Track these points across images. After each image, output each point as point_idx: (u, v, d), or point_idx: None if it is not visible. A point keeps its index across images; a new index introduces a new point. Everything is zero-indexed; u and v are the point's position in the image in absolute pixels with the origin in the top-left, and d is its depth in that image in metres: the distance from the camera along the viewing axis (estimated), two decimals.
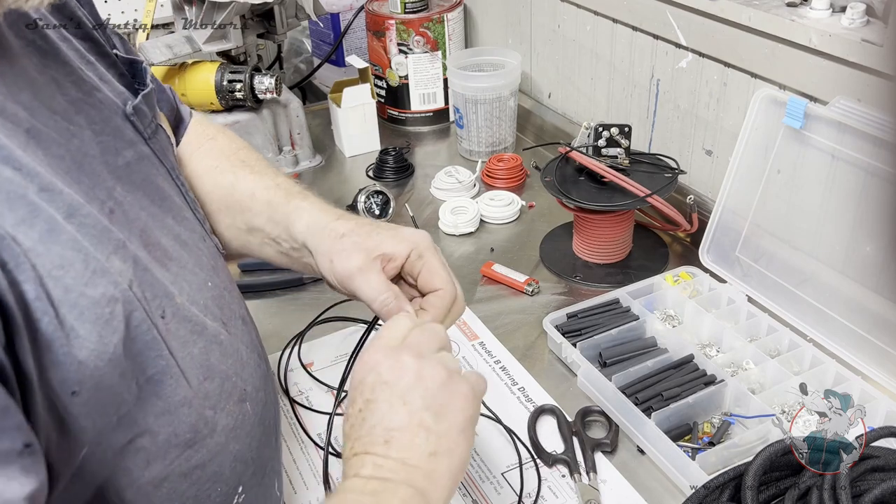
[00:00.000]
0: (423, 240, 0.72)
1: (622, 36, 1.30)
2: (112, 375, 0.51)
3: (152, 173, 0.65)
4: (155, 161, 0.66)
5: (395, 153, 1.47)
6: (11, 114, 0.51)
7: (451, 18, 1.58)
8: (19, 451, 0.44)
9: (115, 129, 0.62)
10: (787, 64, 1.00)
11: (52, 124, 0.55)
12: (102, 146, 0.59)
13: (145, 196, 0.62)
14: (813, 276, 0.97)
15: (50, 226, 0.49)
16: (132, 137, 0.64)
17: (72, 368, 0.48)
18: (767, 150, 1.00)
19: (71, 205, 0.51)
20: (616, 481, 0.83)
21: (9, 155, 0.48)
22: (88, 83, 0.61)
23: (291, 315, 1.09)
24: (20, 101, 0.53)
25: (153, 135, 0.67)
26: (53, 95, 0.57)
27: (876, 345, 0.88)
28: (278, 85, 1.38)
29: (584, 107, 1.46)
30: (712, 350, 0.98)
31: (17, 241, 0.46)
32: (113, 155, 0.60)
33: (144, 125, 0.66)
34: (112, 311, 0.51)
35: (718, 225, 1.08)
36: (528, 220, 1.32)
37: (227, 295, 0.68)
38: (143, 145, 0.65)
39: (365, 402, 0.59)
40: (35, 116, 0.53)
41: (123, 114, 0.64)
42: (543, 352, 1.02)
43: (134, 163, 0.62)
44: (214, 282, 0.66)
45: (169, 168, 0.68)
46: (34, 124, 0.53)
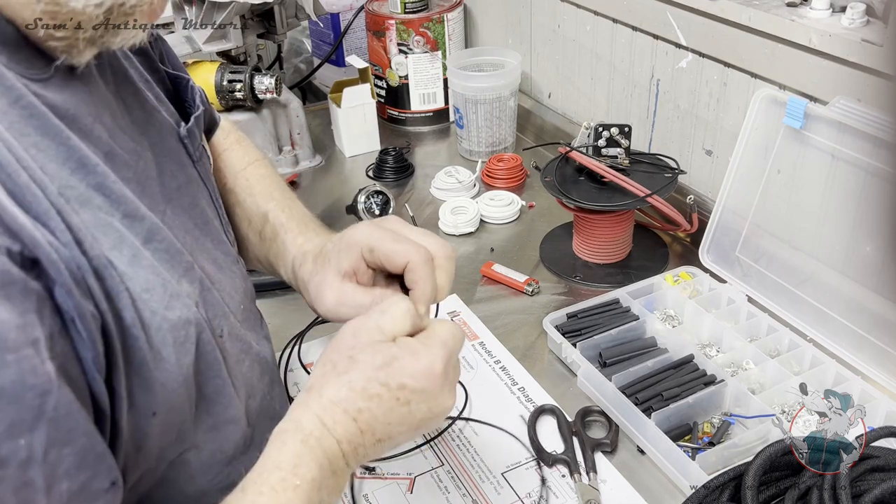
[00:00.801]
0: (362, 234, 0.69)
1: (622, 36, 1.30)
2: (182, 396, 0.52)
3: (198, 196, 0.65)
4: (201, 184, 0.66)
5: (395, 153, 1.47)
6: (96, 137, 0.52)
7: (451, 18, 1.58)
8: (106, 489, 0.45)
9: (170, 150, 0.62)
10: (787, 64, 1.00)
11: (124, 146, 0.56)
12: (160, 168, 0.60)
13: (190, 219, 0.62)
14: (813, 276, 0.97)
15: (133, 252, 0.50)
16: (184, 160, 0.64)
17: (154, 390, 0.50)
18: (767, 150, 1.00)
19: (150, 230, 0.52)
20: (616, 481, 0.83)
21: (102, 182, 0.50)
22: (150, 104, 0.62)
23: (291, 315, 1.09)
24: (104, 123, 0.54)
25: (200, 157, 0.67)
26: (123, 116, 0.58)
27: (876, 345, 0.88)
28: (278, 85, 1.38)
29: (584, 107, 1.46)
30: (712, 350, 0.98)
31: (114, 265, 0.48)
32: (169, 177, 0.61)
33: (194, 148, 0.66)
34: (187, 333, 0.52)
35: (718, 225, 1.08)
36: (528, 220, 1.32)
37: (254, 316, 0.69)
38: (192, 168, 0.65)
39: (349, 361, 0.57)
40: (113, 138, 0.54)
41: (178, 136, 0.64)
42: (543, 352, 1.02)
43: (184, 186, 0.63)
44: (246, 304, 0.67)
45: (211, 190, 0.68)
46: (112, 147, 0.54)
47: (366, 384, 0.56)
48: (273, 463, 0.53)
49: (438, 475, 0.85)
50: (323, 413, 0.55)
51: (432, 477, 0.84)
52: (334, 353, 0.58)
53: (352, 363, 0.56)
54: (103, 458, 0.45)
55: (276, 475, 0.52)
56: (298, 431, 0.54)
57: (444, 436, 0.89)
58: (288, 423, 0.56)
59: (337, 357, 0.57)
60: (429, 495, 0.82)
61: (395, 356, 0.57)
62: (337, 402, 0.55)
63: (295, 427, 0.55)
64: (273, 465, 0.53)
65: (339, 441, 0.55)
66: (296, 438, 0.54)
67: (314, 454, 0.54)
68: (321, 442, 0.54)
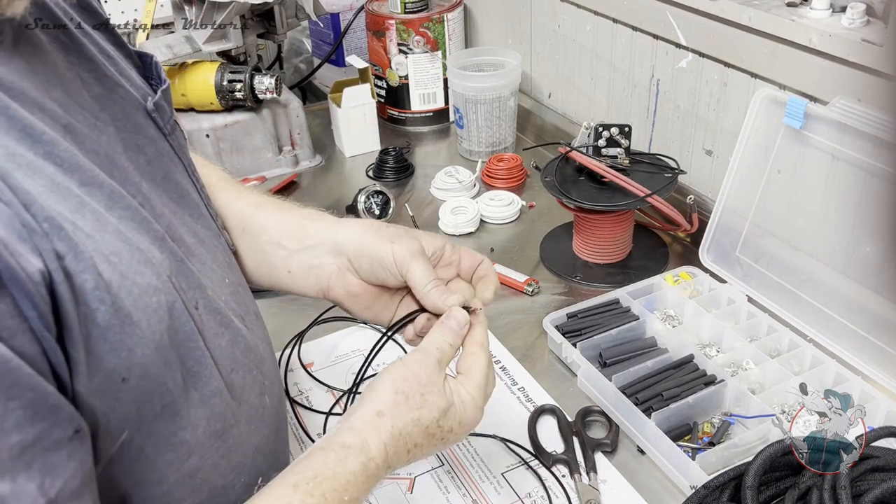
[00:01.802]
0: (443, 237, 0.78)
1: (622, 36, 1.30)
2: (158, 364, 0.52)
3: (172, 170, 0.65)
4: (174, 158, 0.66)
5: (395, 153, 1.47)
6: (50, 110, 0.52)
7: (451, 18, 1.58)
8: (70, 437, 0.46)
9: (136, 125, 0.62)
10: (788, 64, 1.00)
11: (82, 120, 0.55)
12: (125, 143, 0.59)
13: (165, 193, 0.62)
14: (813, 276, 0.97)
15: (96, 216, 0.49)
16: (153, 134, 0.64)
17: (123, 355, 0.49)
18: (767, 150, 1.00)
19: (110, 197, 0.52)
20: (616, 481, 0.83)
21: (51, 150, 0.49)
22: (111, 79, 0.61)
23: (291, 315, 1.09)
24: (55, 98, 0.53)
25: (172, 131, 0.67)
26: (80, 92, 0.57)
27: (876, 345, 0.88)
28: (278, 85, 1.38)
29: (584, 107, 1.46)
30: (712, 350, 0.98)
31: (78, 226, 0.47)
32: (135, 152, 0.60)
33: (164, 121, 0.66)
34: (157, 300, 0.52)
35: (718, 225, 1.08)
36: (528, 220, 1.32)
37: (241, 291, 0.69)
38: (164, 142, 0.65)
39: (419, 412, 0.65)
40: (69, 113, 0.54)
41: (144, 110, 0.64)
42: (543, 352, 1.02)
43: (155, 160, 0.62)
44: (231, 278, 0.67)
45: (186, 165, 0.68)
46: (69, 120, 0.53)
47: (429, 425, 0.64)
48: (330, 472, 0.58)
49: (438, 475, 0.85)
50: (390, 442, 0.62)
51: (432, 477, 0.84)
52: (406, 384, 0.65)
53: (423, 401, 0.64)
54: (59, 408, 0.45)
55: (329, 485, 0.58)
56: (363, 453, 0.60)
57: None
58: (353, 439, 0.61)
59: (410, 391, 0.64)
60: (429, 495, 0.82)
61: (453, 403, 0.66)
62: (406, 435, 0.63)
63: (360, 447, 0.61)
64: (330, 473, 0.58)
65: (389, 466, 0.63)
66: (358, 459, 0.60)
67: (368, 478, 0.60)
68: (378, 470, 0.61)
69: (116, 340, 0.49)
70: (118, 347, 0.49)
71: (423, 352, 0.67)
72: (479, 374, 0.69)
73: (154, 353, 0.52)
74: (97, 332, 0.48)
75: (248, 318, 0.67)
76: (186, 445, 0.57)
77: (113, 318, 0.48)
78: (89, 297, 0.47)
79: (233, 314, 0.64)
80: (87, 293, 0.47)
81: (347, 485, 0.58)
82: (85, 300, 0.47)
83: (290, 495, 0.56)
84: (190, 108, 1.41)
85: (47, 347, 0.45)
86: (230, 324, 0.62)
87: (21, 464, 0.43)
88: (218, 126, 1.40)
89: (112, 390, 0.49)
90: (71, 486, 0.45)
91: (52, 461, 0.44)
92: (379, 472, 0.61)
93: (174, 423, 0.55)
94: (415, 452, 0.64)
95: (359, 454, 0.60)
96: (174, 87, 1.38)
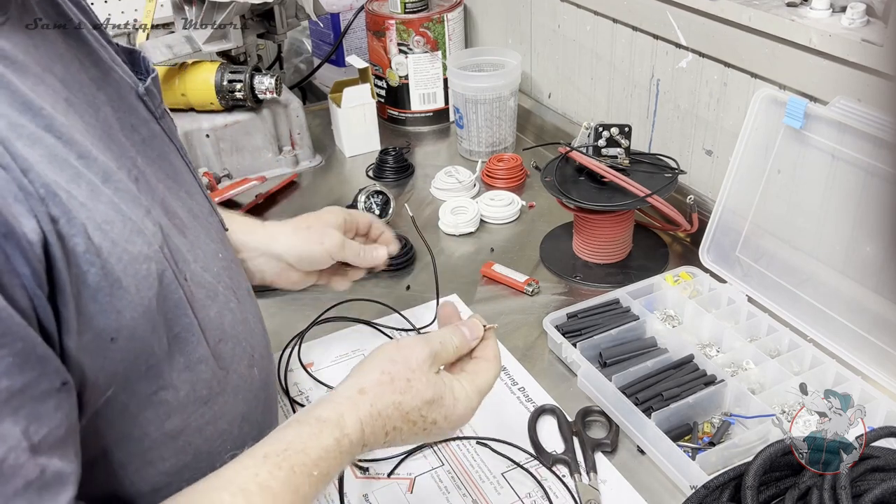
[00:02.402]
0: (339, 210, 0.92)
1: (622, 36, 1.30)
2: (145, 327, 0.55)
3: (165, 150, 0.69)
4: (166, 139, 0.70)
5: (395, 153, 1.47)
6: (50, 83, 0.55)
7: (451, 18, 1.58)
8: (57, 388, 0.48)
9: (130, 106, 0.66)
10: (787, 64, 1.00)
11: (81, 97, 0.58)
12: (121, 122, 0.63)
13: (161, 170, 0.66)
14: (813, 276, 0.97)
15: (91, 188, 0.53)
16: (145, 116, 0.68)
17: (112, 317, 0.52)
18: (767, 150, 1.00)
19: (105, 171, 0.55)
20: (616, 481, 0.83)
21: (51, 123, 0.52)
22: (106, 63, 0.65)
23: (291, 315, 1.09)
24: (55, 73, 0.57)
25: (162, 116, 0.71)
26: (79, 71, 0.61)
27: (876, 345, 0.88)
28: (278, 85, 1.38)
29: (584, 107, 1.46)
30: (712, 350, 0.98)
31: (73, 194, 0.50)
32: (130, 130, 0.64)
33: (155, 105, 0.70)
34: (148, 268, 0.55)
35: (718, 225, 1.08)
36: (528, 220, 1.32)
37: (234, 267, 0.73)
38: (155, 124, 0.69)
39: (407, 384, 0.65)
40: (68, 88, 0.57)
41: (136, 94, 0.67)
42: (543, 352, 1.02)
43: (149, 139, 0.66)
44: (224, 254, 0.71)
45: (178, 147, 0.72)
46: (69, 95, 0.57)
47: (410, 412, 0.64)
48: (302, 445, 0.58)
49: (438, 475, 0.85)
50: (367, 420, 0.62)
51: (432, 477, 0.84)
52: (394, 366, 0.65)
53: (408, 387, 0.64)
54: (47, 360, 0.47)
55: (299, 458, 0.58)
56: (338, 429, 0.60)
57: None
58: (330, 413, 0.61)
59: (396, 373, 0.65)
60: (429, 495, 0.82)
61: (442, 396, 0.66)
62: (385, 417, 0.63)
63: (336, 422, 0.60)
64: (301, 447, 0.58)
65: (365, 445, 0.62)
66: (333, 434, 0.60)
67: (341, 454, 0.60)
68: (352, 447, 0.61)
69: (106, 302, 0.52)
70: (108, 309, 0.52)
71: (424, 339, 0.68)
72: (485, 380, 0.70)
73: (142, 317, 0.55)
74: (88, 293, 0.51)
75: (239, 292, 0.71)
76: (167, 405, 0.59)
77: (103, 281, 0.51)
78: (80, 259, 0.50)
79: (223, 287, 0.67)
80: (78, 256, 0.50)
81: (318, 460, 0.58)
82: (76, 262, 0.50)
83: (259, 466, 0.57)
84: (190, 108, 1.41)
85: (38, 305, 0.47)
86: (218, 296, 0.66)
87: (8, 409, 0.44)
88: (218, 126, 1.40)
89: (101, 349, 0.52)
90: (55, 435, 0.47)
91: (39, 410, 0.46)
92: (353, 449, 0.61)
93: (156, 384, 0.58)
94: (393, 436, 0.64)
95: (333, 429, 0.60)
96: (174, 87, 1.38)
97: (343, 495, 0.82)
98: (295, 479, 0.57)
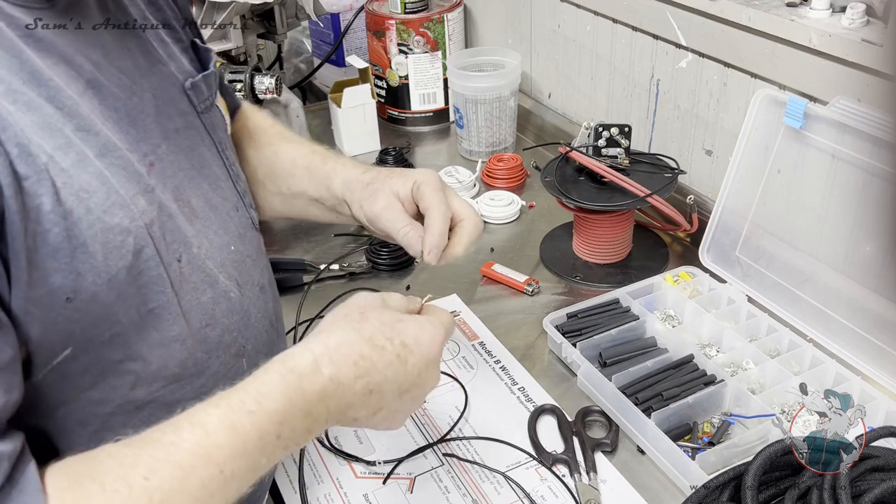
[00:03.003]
0: (423, 175, 0.82)
1: (622, 36, 1.30)
2: (108, 295, 0.57)
3: (197, 142, 0.72)
4: (203, 133, 0.73)
5: (395, 153, 1.46)
6: (78, 65, 0.59)
7: (451, 18, 1.58)
8: None
9: (171, 98, 0.69)
10: (787, 64, 1.00)
11: (115, 81, 0.63)
12: (158, 109, 0.67)
13: (186, 160, 0.69)
14: (813, 276, 0.97)
15: (80, 157, 0.56)
16: (185, 109, 0.71)
17: (70, 277, 0.54)
18: (767, 150, 1.00)
19: (105, 145, 0.58)
20: (616, 481, 0.83)
21: (55, 95, 0.55)
22: (154, 56, 0.69)
23: (292, 315, 1.09)
24: (89, 57, 0.61)
25: (206, 110, 0.74)
26: (124, 59, 0.65)
27: (876, 345, 0.88)
28: (278, 85, 1.38)
29: (584, 107, 1.46)
30: (712, 350, 0.98)
31: (55, 159, 0.53)
32: (165, 119, 0.67)
33: (199, 100, 0.73)
34: (123, 240, 0.57)
35: (718, 225, 1.08)
36: (528, 220, 1.32)
37: (248, 262, 0.74)
38: (195, 118, 0.72)
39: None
40: (100, 71, 0.61)
41: (182, 87, 0.71)
42: (543, 352, 1.02)
43: (182, 129, 0.70)
44: (238, 247, 0.72)
45: (216, 141, 0.75)
46: (97, 77, 0.61)
47: (373, 334, 0.62)
48: (242, 385, 0.57)
49: (438, 475, 0.85)
50: (322, 353, 0.59)
51: (432, 477, 0.84)
52: (346, 308, 0.65)
53: (363, 317, 0.63)
54: None
55: (237, 397, 0.56)
56: (282, 364, 0.59)
57: (441, 430, 0.89)
58: (280, 356, 0.60)
59: (349, 311, 0.64)
60: (429, 495, 0.82)
61: (401, 319, 0.64)
62: (346, 344, 0.60)
63: (282, 359, 0.59)
64: (241, 387, 0.57)
65: (330, 379, 0.59)
66: (277, 370, 0.58)
67: (287, 388, 0.57)
68: (302, 380, 0.58)
69: (65, 262, 0.54)
70: (65, 269, 0.54)
71: (369, 292, 0.68)
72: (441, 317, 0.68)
73: (106, 284, 0.56)
74: (46, 249, 0.53)
75: (247, 286, 0.72)
76: (133, 375, 0.61)
77: (65, 242, 0.54)
78: (43, 217, 0.53)
79: (226, 277, 0.69)
80: (42, 214, 0.52)
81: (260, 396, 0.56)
82: (38, 219, 0.52)
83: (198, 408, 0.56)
84: None
85: None
86: (215, 284, 0.67)
87: None
88: None
89: (55, 305, 0.54)
90: None
91: None
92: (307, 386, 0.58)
93: (122, 353, 0.60)
94: (365, 367, 0.60)
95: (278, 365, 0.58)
96: None
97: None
98: (231, 416, 0.55)
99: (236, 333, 0.70)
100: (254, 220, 0.79)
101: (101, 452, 0.54)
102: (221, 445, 0.54)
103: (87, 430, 0.61)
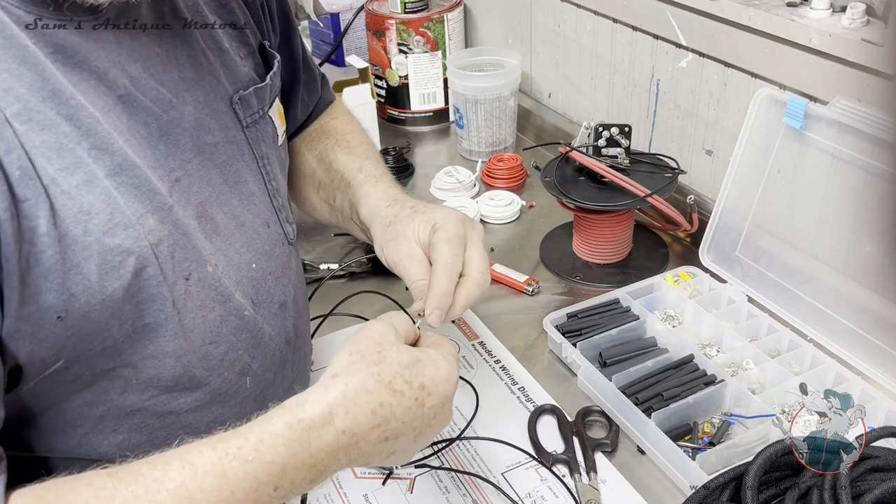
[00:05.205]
0: (442, 220, 0.75)
1: (622, 36, 1.30)
2: (101, 313, 0.57)
3: (235, 157, 0.70)
4: (244, 147, 0.71)
5: (395, 153, 1.47)
6: (111, 80, 0.59)
7: (451, 18, 1.58)
8: None
9: (214, 111, 0.68)
10: (788, 64, 1.00)
11: (152, 95, 0.62)
12: (198, 123, 0.65)
13: (219, 175, 0.67)
14: (813, 276, 0.97)
15: (88, 178, 0.55)
16: (228, 123, 0.70)
17: (62, 297, 0.54)
18: (767, 150, 1.00)
19: (120, 164, 0.57)
20: (616, 481, 0.83)
21: (74, 114, 0.55)
22: (205, 67, 0.68)
23: None
24: (126, 71, 0.60)
25: (252, 124, 0.73)
26: (169, 71, 0.64)
27: (876, 345, 0.88)
28: None
29: (584, 107, 1.46)
30: (712, 350, 0.98)
31: (57, 182, 0.53)
32: (204, 132, 0.66)
33: (246, 114, 0.72)
34: (122, 261, 0.57)
35: (718, 225, 1.08)
36: (528, 220, 1.32)
37: (270, 280, 0.72)
38: (238, 132, 0.71)
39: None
40: (136, 86, 0.61)
41: (229, 101, 0.70)
42: (543, 352, 1.02)
43: (221, 144, 0.68)
44: (261, 265, 0.71)
45: (258, 156, 0.73)
46: (131, 92, 0.60)
47: (392, 378, 0.58)
48: (245, 429, 0.55)
49: (438, 475, 0.85)
50: (338, 403, 0.56)
51: (432, 477, 0.84)
52: (359, 345, 0.60)
53: (380, 357, 0.59)
54: None
55: (235, 442, 0.54)
56: (291, 413, 0.55)
57: (443, 434, 0.89)
58: (292, 400, 0.57)
59: (365, 349, 0.60)
60: (429, 495, 0.82)
61: (418, 358, 0.61)
62: (364, 391, 0.57)
63: (293, 406, 0.56)
64: (243, 431, 0.55)
65: (343, 432, 0.56)
66: (284, 419, 0.55)
67: (291, 440, 0.54)
68: (310, 432, 0.55)
69: (57, 283, 0.54)
70: (57, 289, 0.54)
71: (379, 319, 0.65)
72: (448, 349, 0.65)
73: (100, 304, 0.56)
74: (40, 270, 0.53)
75: (264, 305, 0.71)
76: (124, 381, 0.61)
77: (58, 264, 0.54)
78: (38, 239, 0.53)
79: (241, 296, 0.68)
80: (37, 236, 0.53)
81: (259, 445, 0.54)
82: (32, 240, 0.52)
83: (197, 445, 0.54)
84: None
85: None
86: (227, 302, 0.66)
87: None
88: None
89: (45, 322, 0.55)
90: None
91: None
92: (314, 438, 0.55)
93: (113, 361, 0.60)
94: (384, 414, 0.57)
95: (286, 413, 0.55)
96: None
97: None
98: (225, 462, 0.52)
99: (242, 352, 0.68)
100: (288, 234, 0.77)
101: (81, 480, 0.52)
102: (206, 490, 0.52)
103: (77, 433, 0.61)
